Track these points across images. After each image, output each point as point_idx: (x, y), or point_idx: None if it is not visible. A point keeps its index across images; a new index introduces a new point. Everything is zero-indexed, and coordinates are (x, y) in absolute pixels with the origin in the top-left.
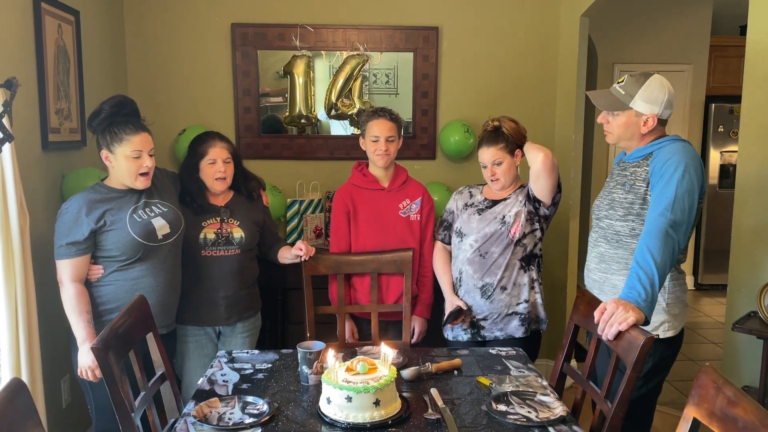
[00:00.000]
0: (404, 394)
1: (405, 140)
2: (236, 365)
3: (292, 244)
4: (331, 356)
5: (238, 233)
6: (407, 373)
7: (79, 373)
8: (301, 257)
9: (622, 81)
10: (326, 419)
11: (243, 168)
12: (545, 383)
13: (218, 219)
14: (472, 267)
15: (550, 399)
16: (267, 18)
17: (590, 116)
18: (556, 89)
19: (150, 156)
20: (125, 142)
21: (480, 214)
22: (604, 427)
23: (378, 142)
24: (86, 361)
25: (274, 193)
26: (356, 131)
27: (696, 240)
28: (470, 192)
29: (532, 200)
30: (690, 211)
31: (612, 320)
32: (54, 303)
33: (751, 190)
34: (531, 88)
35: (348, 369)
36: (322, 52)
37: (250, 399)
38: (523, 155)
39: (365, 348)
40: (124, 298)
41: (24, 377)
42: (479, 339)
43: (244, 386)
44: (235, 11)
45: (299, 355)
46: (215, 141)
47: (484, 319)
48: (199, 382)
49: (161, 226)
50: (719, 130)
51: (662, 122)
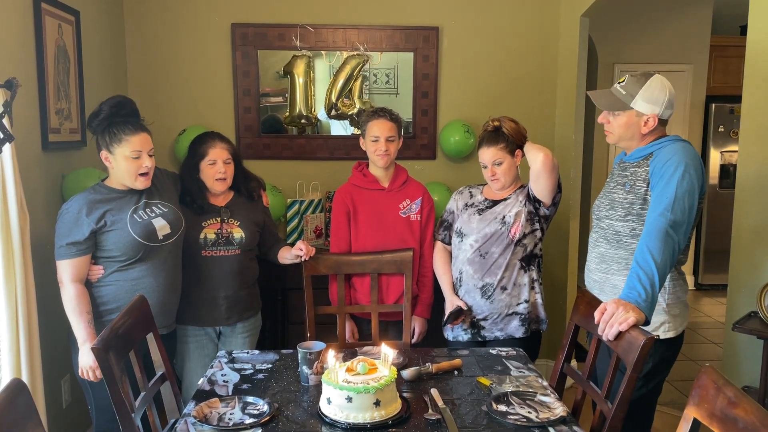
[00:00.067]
0: (404, 395)
1: (405, 140)
2: (236, 365)
3: (293, 245)
4: (332, 356)
5: (239, 233)
6: (407, 374)
7: (80, 374)
8: (302, 257)
9: (623, 81)
10: (326, 419)
11: (243, 168)
12: (545, 383)
13: (218, 219)
14: (473, 267)
15: (551, 399)
16: (267, 18)
17: (590, 116)
18: (556, 89)
19: (149, 156)
20: (124, 143)
21: (480, 214)
22: (605, 428)
23: (378, 142)
24: (87, 362)
25: (275, 194)
26: (356, 131)
27: (696, 240)
28: (470, 192)
29: (533, 200)
30: (690, 211)
31: (612, 320)
32: (54, 303)
33: (752, 190)
34: (531, 88)
35: (348, 369)
36: (323, 52)
37: (251, 399)
38: (524, 155)
39: (365, 348)
40: (125, 299)
41: (24, 377)
42: (479, 339)
43: (245, 386)
44: (235, 11)
45: (299, 356)
46: (215, 141)
47: (485, 320)
48: (200, 383)
49: (162, 227)
50: (719, 130)
51: (663, 122)
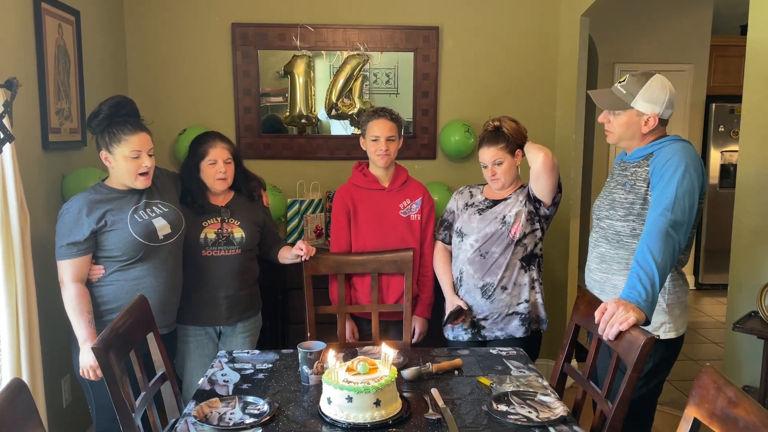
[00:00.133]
0: (405, 394)
1: (405, 140)
2: (237, 365)
3: (293, 244)
4: (332, 356)
5: (239, 233)
6: (408, 373)
7: (81, 373)
8: (302, 257)
9: (624, 80)
10: (327, 419)
11: (243, 168)
12: (546, 383)
13: (219, 219)
14: (473, 267)
15: (551, 399)
16: (267, 18)
17: (590, 116)
18: (556, 89)
19: (149, 156)
20: (124, 143)
21: (480, 214)
22: (605, 427)
23: (378, 142)
24: (87, 361)
25: (275, 193)
26: (356, 131)
27: (696, 240)
28: (471, 192)
29: (533, 200)
30: (690, 211)
31: (612, 320)
32: (54, 303)
33: (752, 190)
34: (531, 88)
35: (348, 369)
36: (323, 52)
37: (251, 399)
38: (524, 155)
39: (366, 348)
40: (125, 298)
41: (24, 377)
42: (480, 339)
43: (245, 386)
44: (236, 11)
45: (300, 355)
46: (216, 141)
47: (485, 319)
48: (200, 382)
49: (162, 227)
50: (720, 130)
51: (663, 122)
